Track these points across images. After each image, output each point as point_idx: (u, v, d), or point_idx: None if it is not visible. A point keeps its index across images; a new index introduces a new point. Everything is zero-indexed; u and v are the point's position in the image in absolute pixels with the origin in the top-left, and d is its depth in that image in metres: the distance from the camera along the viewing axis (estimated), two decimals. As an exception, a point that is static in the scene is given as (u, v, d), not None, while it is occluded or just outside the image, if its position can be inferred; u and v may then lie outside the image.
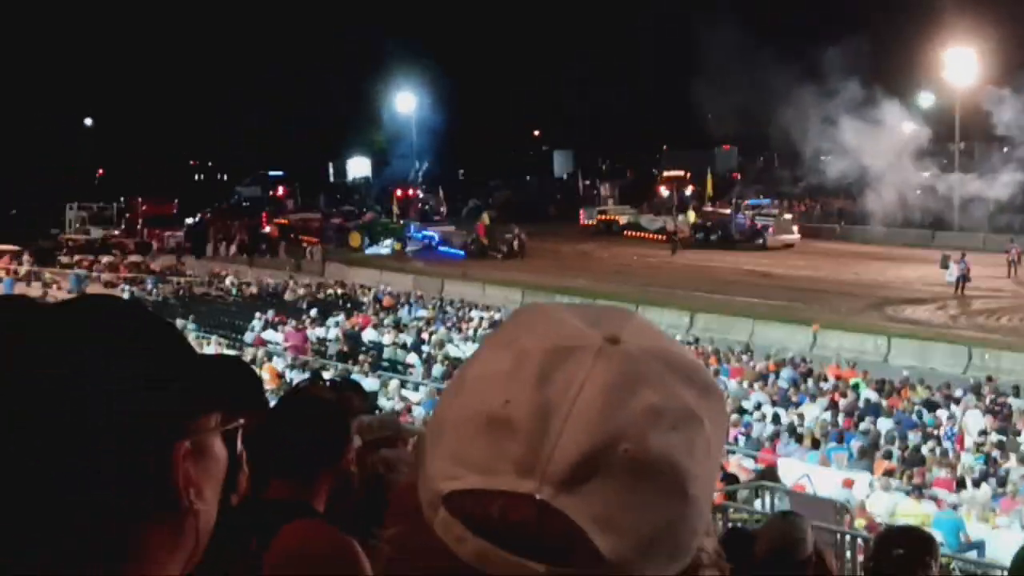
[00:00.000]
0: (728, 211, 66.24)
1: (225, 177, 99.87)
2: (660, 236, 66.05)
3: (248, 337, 36.39)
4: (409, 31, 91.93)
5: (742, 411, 25.45)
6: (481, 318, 38.64)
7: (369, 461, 4.56)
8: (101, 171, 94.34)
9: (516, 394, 1.02)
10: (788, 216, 66.46)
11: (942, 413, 25.56)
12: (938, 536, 11.87)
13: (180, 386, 1.32)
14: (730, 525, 12.81)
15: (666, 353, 1.07)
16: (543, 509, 0.98)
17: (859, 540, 13.79)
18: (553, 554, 0.98)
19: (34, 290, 42.75)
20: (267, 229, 71.59)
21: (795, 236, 63.40)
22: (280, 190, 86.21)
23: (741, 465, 20.68)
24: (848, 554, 13.64)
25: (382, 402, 25.69)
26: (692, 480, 1.03)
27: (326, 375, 22.74)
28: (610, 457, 0.99)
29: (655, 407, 1.02)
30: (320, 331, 36.91)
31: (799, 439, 23.30)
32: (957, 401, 26.86)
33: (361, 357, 32.38)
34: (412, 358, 33.37)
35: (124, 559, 1.27)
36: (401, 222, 70.79)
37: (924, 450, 22.31)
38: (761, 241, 61.79)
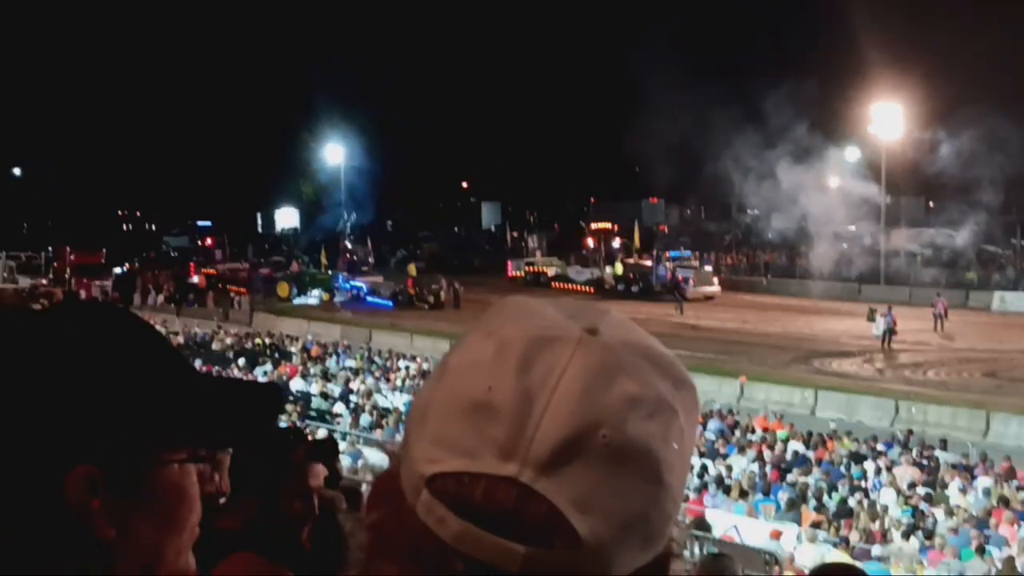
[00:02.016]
0: (650, 263, 66.48)
1: (153, 227, 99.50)
2: (587, 288, 66.49)
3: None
4: (339, 84, 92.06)
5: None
6: (408, 368, 38.42)
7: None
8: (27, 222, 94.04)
9: (499, 381, 1.05)
10: (708, 268, 66.91)
11: (869, 465, 25.65)
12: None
13: (107, 411, 1.28)
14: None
15: (642, 345, 1.11)
16: (524, 491, 1.02)
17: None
18: (533, 536, 1.02)
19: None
20: (195, 279, 71.40)
21: (715, 288, 63.69)
22: (208, 240, 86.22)
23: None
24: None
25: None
26: (667, 467, 1.07)
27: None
28: (589, 442, 1.03)
29: (633, 396, 1.06)
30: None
31: (727, 491, 23.29)
32: (884, 453, 26.96)
33: (289, 407, 32.15)
34: (339, 408, 33.19)
35: None
36: (329, 272, 70.77)
37: (851, 502, 22.38)
38: (680, 293, 61.91)
